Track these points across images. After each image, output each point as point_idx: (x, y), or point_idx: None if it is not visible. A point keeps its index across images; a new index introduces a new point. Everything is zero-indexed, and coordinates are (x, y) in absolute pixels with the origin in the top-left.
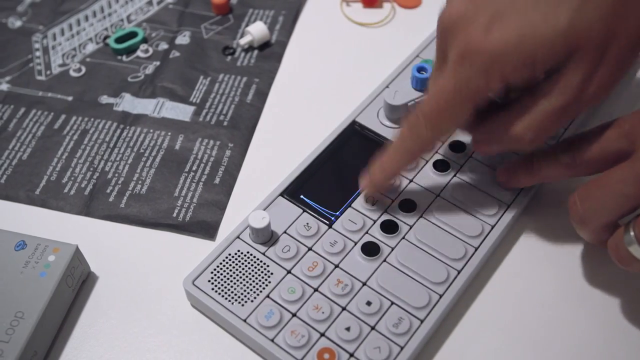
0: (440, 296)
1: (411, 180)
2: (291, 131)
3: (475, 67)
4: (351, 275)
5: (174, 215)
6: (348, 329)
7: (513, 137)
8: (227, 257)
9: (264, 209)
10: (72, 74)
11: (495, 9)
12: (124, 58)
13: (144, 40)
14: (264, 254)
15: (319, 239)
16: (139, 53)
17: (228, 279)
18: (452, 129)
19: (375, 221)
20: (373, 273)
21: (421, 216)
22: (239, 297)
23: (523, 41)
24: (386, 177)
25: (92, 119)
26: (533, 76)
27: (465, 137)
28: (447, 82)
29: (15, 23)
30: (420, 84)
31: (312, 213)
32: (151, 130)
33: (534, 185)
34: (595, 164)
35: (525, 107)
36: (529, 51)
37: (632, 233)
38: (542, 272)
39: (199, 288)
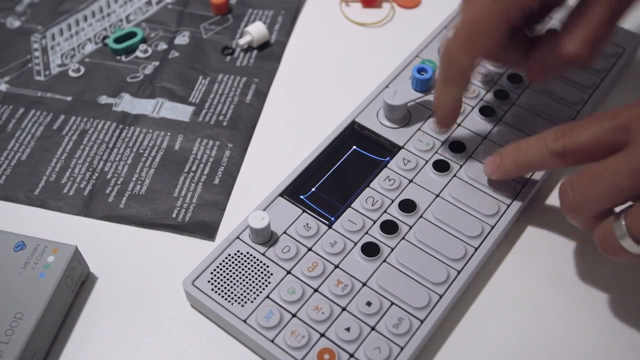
0: (440, 296)
1: (411, 181)
2: (291, 131)
3: None
4: (351, 276)
5: (174, 215)
6: (348, 329)
7: (569, 57)
8: (226, 258)
9: (264, 210)
10: (71, 74)
11: None
12: (123, 58)
13: (143, 41)
14: (263, 254)
15: (318, 239)
16: (138, 53)
17: (228, 279)
18: (487, 47)
19: (375, 221)
20: (373, 273)
21: (421, 216)
22: (238, 297)
23: None
24: (447, 113)
25: (91, 119)
26: None
27: (464, 137)
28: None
29: (14, 23)
30: (420, 85)
31: (311, 213)
32: (150, 131)
33: (533, 184)
34: (586, 154)
35: (573, 21)
36: None
37: (623, 222)
38: (542, 272)
39: (198, 289)
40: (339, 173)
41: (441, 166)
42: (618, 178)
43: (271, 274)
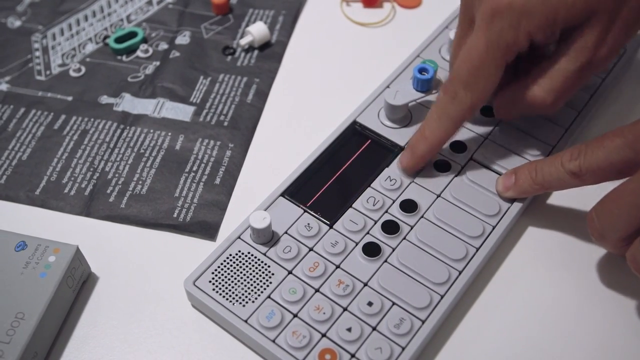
0: (442, 297)
1: (412, 181)
2: (292, 131)
3: (506, 22)
4: (352, 276)
5: (175, 215)
6: (349, 329)
7: (534, 101)
8: (228, 258)
9: (265, 209)
10: (72, 74)
11: None
12: (124, 58)
13: (144, 40)
14: (264, 254)
15: (320, 239)
16: (139, 53)
17: (229, 279)
18: (489, 89)
19: (376, 221)
20: (374, 273)
21: (422, 216)
22: (240, 297)
23: (547, 1)
24: (430, 148)
25: (92, 119)
26: (553, 34)
27: (465, 137)
28: (479, 41)
29: (15, 23)
30: (421, 85)
31: (312, 213)
32: (151, 131)
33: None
34: (601, 173)
35: (544, 70)
36: (552, 9)
37: None
38: (543, 272)
39: (199, 289)
40: (339, 173)
41: (442, 166)
42: (635, 198)
43: (272, 274)
